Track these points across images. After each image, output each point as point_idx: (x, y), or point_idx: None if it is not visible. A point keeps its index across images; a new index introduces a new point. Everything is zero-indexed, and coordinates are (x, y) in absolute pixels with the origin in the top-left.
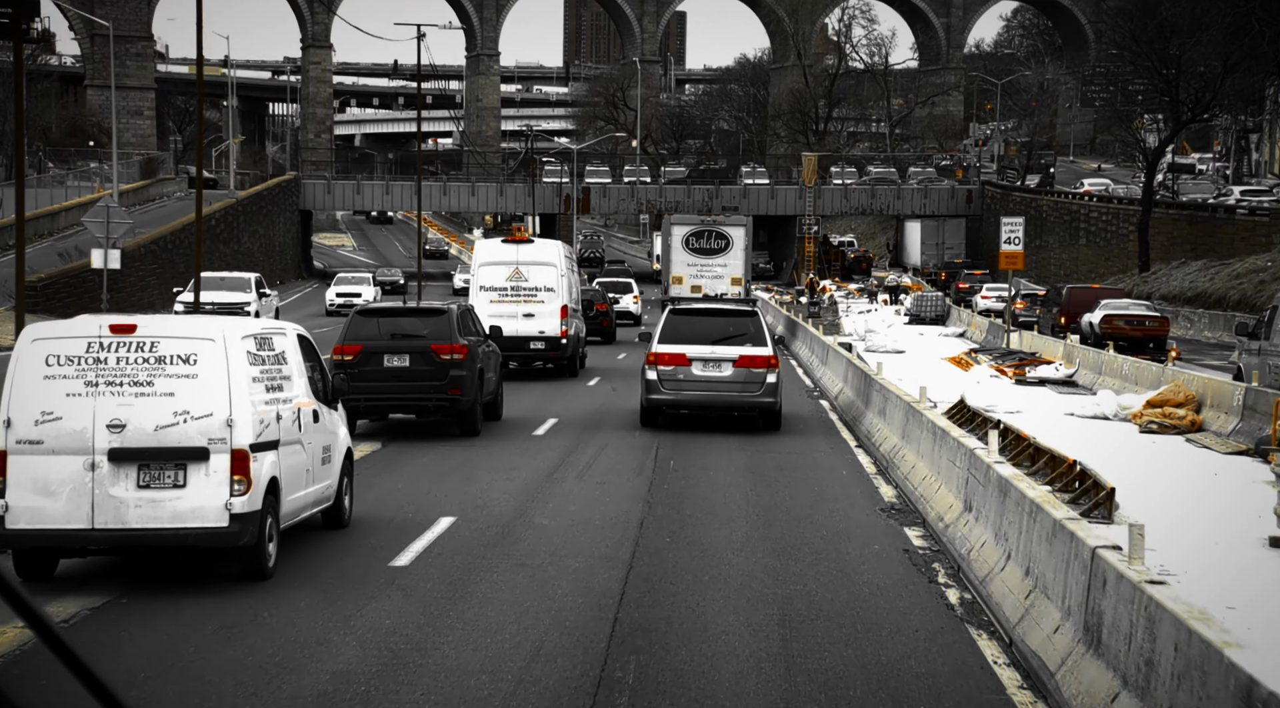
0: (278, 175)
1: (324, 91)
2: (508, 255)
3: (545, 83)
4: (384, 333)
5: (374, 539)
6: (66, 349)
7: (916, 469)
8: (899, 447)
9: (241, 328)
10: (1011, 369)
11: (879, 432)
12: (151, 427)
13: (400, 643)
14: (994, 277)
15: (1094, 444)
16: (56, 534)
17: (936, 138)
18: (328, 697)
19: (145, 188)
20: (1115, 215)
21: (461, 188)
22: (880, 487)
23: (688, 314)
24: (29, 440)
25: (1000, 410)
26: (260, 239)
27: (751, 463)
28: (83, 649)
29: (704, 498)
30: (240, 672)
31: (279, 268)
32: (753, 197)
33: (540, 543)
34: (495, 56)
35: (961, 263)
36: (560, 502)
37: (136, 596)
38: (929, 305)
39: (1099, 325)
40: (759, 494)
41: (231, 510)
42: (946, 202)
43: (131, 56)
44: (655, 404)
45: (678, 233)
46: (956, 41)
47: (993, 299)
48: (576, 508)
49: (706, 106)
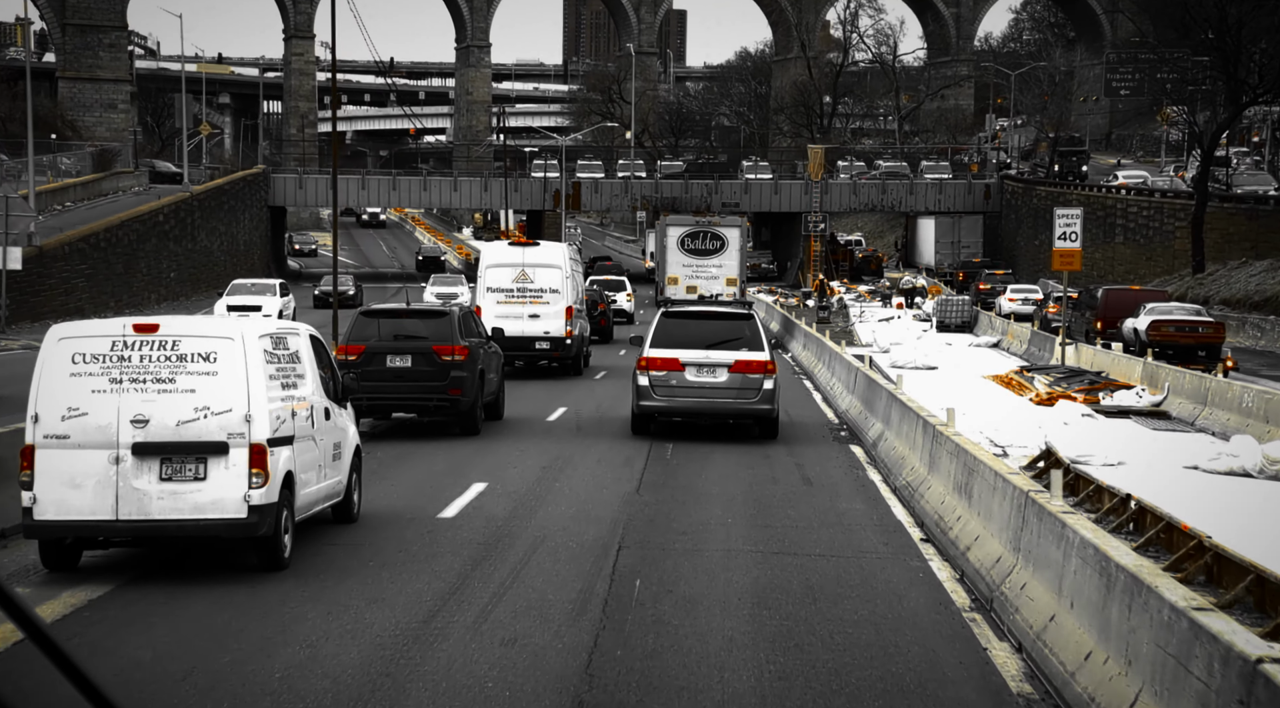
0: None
1: (307, 84)
2: (514, 258)
3: (544, 80)
4: (387, 334)
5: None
6: (92, 348)
7: (1016, 576)
8: (971, 527)
9: (259, 328)
10: (1081, 395)
11: (934, 494)
12: (173, 422)
13: None
14: (1017, 277)
15: (1251, 520)
16: (82, 525)
17: (949, 132)
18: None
19: (98, 182)
20: (1158, 211)
21: (443, 183)
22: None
23: (681, 317)
24: (56, 435)
25: (1095, 462)
26: (221, 237)
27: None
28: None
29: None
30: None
31: (243, 268)
32: (755, 192)
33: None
34: (486, 48)
35: (980, 262)
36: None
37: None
38: (954, 310)
39: (1146, 332)
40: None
41: (250, 503)
42: (963, 197)
43: (105, 47)
44: (647, 411)
45: (673, 234)
46: (966, 32)
47: (1018, 302)
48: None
49: (706, 102)
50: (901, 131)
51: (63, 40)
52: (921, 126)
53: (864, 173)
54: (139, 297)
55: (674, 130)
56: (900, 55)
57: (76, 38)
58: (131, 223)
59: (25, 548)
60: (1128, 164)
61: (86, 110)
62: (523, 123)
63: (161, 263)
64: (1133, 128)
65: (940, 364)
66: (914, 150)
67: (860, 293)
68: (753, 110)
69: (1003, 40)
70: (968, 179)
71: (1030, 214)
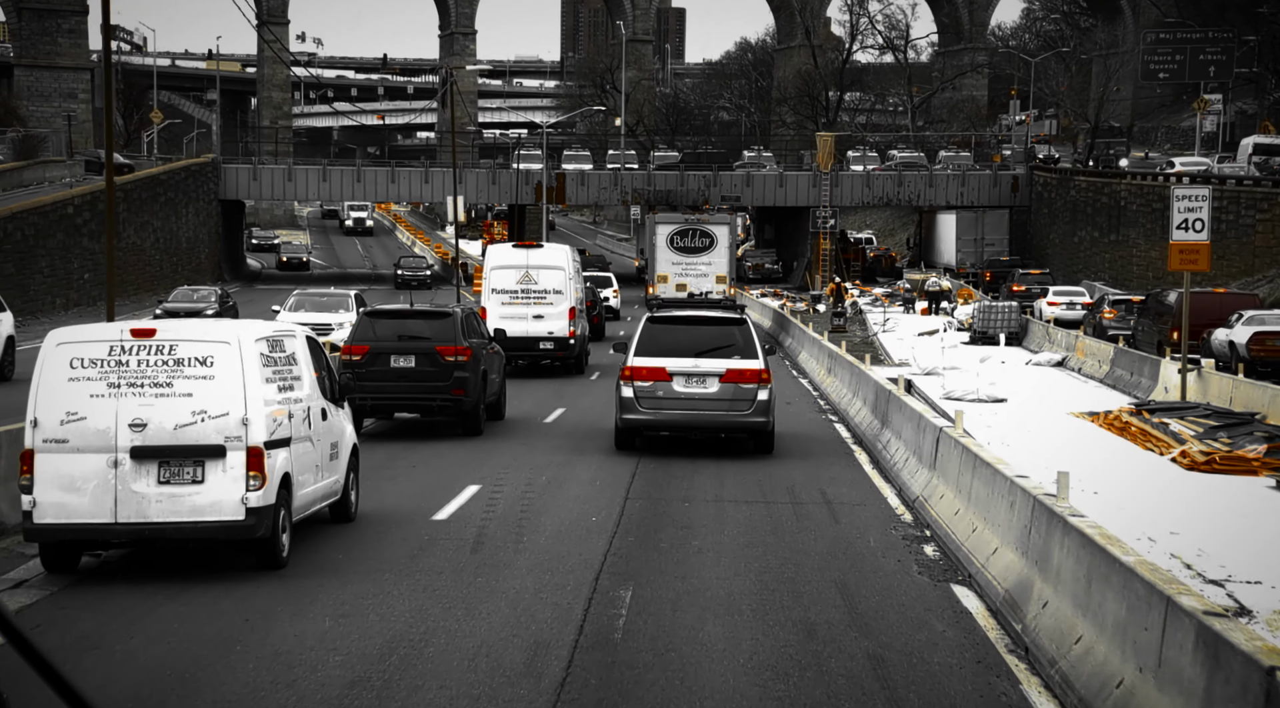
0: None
1: (280, 73)
2: (518, 259)
3: (541, 77)
4: (391, 334)
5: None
6: (90, 353)
7: None
8: None
9: (255, 331)
10: (1258, 458)
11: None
12: (171, 425)
13: None
14: (1056, 278)
15: None
16: (81, 528)
17: (968, 121)
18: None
19: (18, 171)
20: (1233, 201)
21: (413, 175)
22: None
23: (668, 322)
24: (55, 439)
25: None
26: (157, 233)
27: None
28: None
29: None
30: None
31: (187, 269)
32: (757, 185)
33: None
34: (471, 35)
35: (1009, 261)
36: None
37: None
38: (999, 319)
39: (1246, 346)
40: None
41: (248, 505)
42: (988, 190)
43: (64, 33)
44: (632, 425)
45: (662, 231)
46: (980, 19)
47: (1061, 306)
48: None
49: (705, 94)
50: (914, 123)
51: (19, 25)
52: (935, 117)
53: (877, 164)
54: (37, 302)
55: (670, 124)
56: (914, 40)
57: (34, 23)
58: (27, 215)
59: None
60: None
61: (45, 100)
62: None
63: (71, 262)
64: (1157, 120)
65: (1007, 393)
66: (931, 138)
67: (877, 296)
68: (753, 103)
69: (1014, 32)
70: (993, 170)
71: (1067, 207)
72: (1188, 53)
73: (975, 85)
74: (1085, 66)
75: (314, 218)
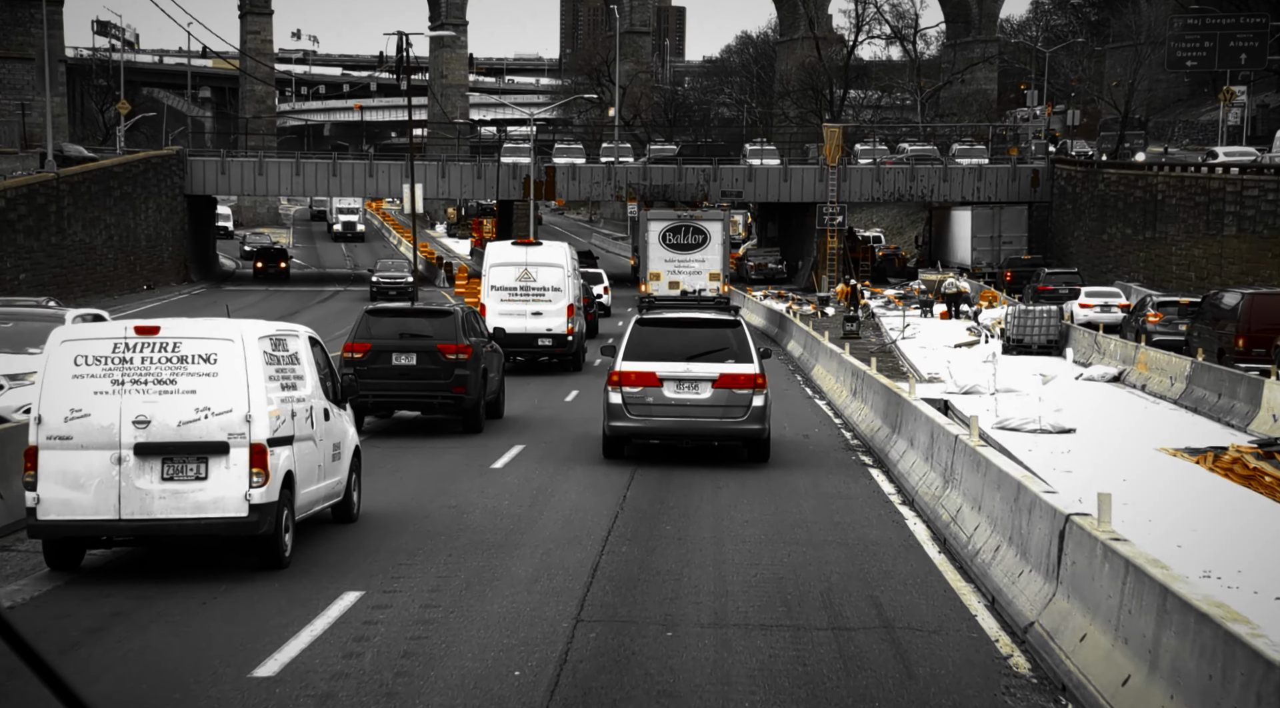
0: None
1: (264, 66)
2: (517, 257)
3: (539, 74)
4: (393, 332)
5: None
6: (94, 350)
7: None
8: None
9: (258, 329)
10: None
11: None
12: (175, 422)
13: None
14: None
15: None
16: (85, 525)
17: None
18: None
19: None
20: None
21: (393, 169)
22: None
23: (658, 325)
24: (59, 436)
25: None
26: (109, 230)
27: None
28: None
29: None
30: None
31: (147, 268)
32: (760, 179)
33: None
34: (462, 26)
35: (1031, 260)
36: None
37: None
38: (1037, 325)
39: None
40: None
41: (251, 501)
42: (1006, 184)
43: (36, 23)
44: (620, 433)
45: (654, 229)
46: (989, 10)
47: (1095, 309)
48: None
49: (705, 89)
50: (924, 116)
51: None
52: (944, 111)
53: (887, 157)
54: None
55: (669, 119)
56: (923, 29)
57: (4, 12)
58: None
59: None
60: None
61: (15, 92)
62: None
63: (4, 261)
64: (1173, 114)
65: (1076, 423)
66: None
67: (889, 298)
68: (754, 98)
69: (1021, 26)
70: (1011, 163)
71: (1094, 202)
72: (1217, 39)
73: (985, 79)
74: (1099, 58)
75: (300, 218)
